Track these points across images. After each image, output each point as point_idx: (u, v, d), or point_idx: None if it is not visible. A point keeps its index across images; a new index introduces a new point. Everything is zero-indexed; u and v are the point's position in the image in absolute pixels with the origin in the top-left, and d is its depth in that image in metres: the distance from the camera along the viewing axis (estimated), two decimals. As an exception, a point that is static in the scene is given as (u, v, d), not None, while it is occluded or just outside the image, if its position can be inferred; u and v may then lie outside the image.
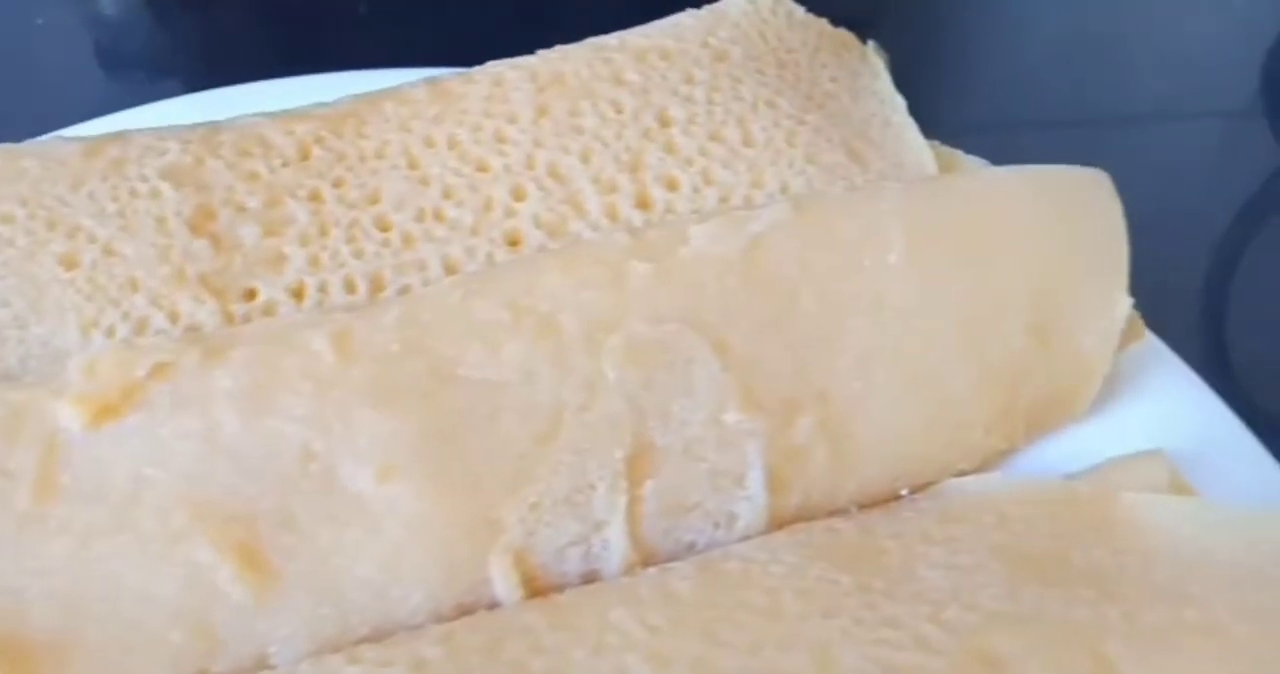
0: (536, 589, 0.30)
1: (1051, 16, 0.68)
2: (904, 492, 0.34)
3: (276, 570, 0.29)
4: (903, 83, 0.41)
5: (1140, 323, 0.35)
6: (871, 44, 0.43)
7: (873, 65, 0.43)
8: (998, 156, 0.43)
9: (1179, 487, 0.32)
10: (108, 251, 0.35)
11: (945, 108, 0.60)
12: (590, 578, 0.31)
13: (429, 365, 0.31)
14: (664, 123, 0.39)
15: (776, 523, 0.32)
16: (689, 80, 0.40)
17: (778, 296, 0.33)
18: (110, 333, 0.34)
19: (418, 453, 0.30)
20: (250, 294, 0.35)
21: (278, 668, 0.28)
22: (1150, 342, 0.36)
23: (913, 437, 0.33)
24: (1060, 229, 0.34)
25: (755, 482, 0.32)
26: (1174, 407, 0.35)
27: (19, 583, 0.28)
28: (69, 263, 0.35)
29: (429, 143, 0.38)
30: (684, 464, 0.32)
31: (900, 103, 0.41)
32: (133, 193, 0.36)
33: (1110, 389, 0.35)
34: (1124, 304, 0.34)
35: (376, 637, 0.29)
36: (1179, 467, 0.33)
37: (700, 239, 0.34)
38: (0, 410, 0.29)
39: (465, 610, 0.30)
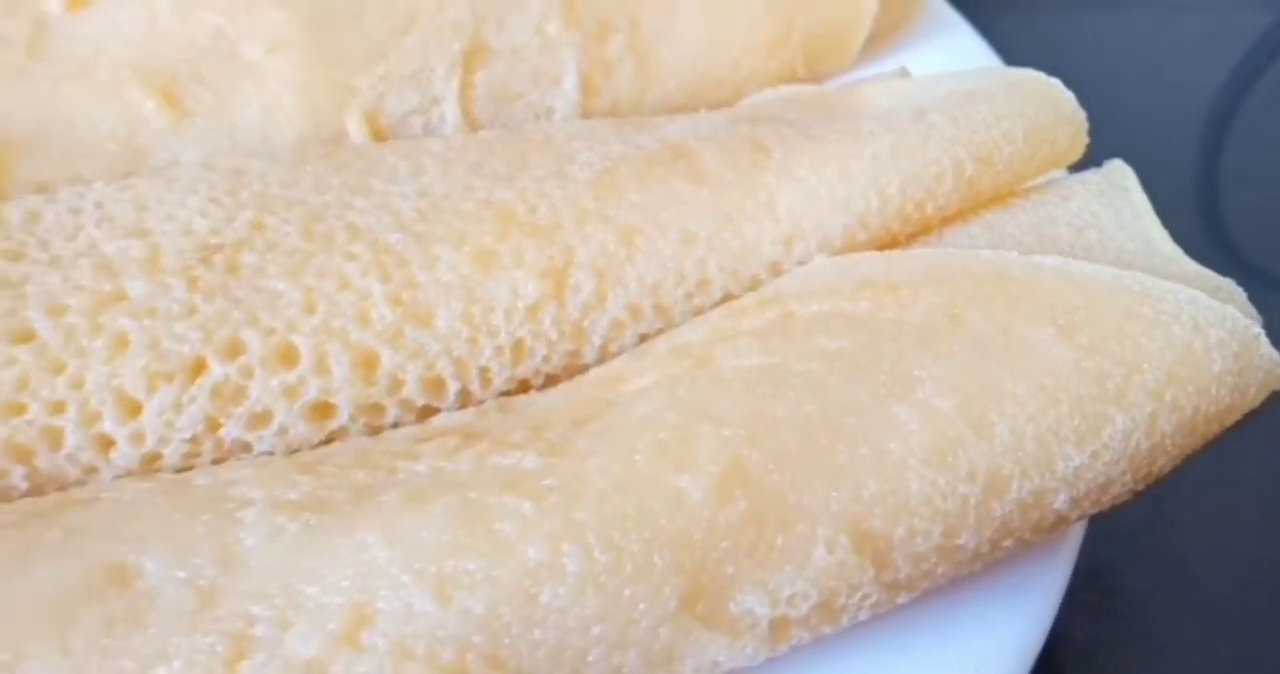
0: (386, 146, 0.39)
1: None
2: (703, 111, 0.41)
3: (189, 109, 0.38)
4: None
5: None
6: None
7: None
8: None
9: (913, 86, 0.38)
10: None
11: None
12: (431, 144, 0.39)
13: (319, -23, 0.40)
14: None
15: (588, 121, 0.40)
16: None
17: (605, -59, 0.41)
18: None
19: (299, 35, 0.39)
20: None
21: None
22: (939, 9, 0.42)
23: (706, 57, 0.40)
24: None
25: (570, 83, 0.40)
26: (949, 58, 0.41)
27: (5, 106, 0.38)
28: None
29: None
30: (511, 62, 0.40)
31: None
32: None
33: (895, 46, 0.42)
34: (892, -51, 0.40)
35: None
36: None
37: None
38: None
39: (329, 155, 0.39)
